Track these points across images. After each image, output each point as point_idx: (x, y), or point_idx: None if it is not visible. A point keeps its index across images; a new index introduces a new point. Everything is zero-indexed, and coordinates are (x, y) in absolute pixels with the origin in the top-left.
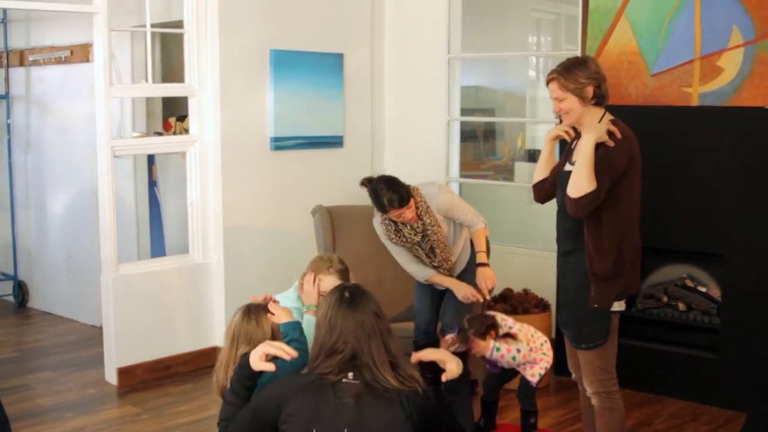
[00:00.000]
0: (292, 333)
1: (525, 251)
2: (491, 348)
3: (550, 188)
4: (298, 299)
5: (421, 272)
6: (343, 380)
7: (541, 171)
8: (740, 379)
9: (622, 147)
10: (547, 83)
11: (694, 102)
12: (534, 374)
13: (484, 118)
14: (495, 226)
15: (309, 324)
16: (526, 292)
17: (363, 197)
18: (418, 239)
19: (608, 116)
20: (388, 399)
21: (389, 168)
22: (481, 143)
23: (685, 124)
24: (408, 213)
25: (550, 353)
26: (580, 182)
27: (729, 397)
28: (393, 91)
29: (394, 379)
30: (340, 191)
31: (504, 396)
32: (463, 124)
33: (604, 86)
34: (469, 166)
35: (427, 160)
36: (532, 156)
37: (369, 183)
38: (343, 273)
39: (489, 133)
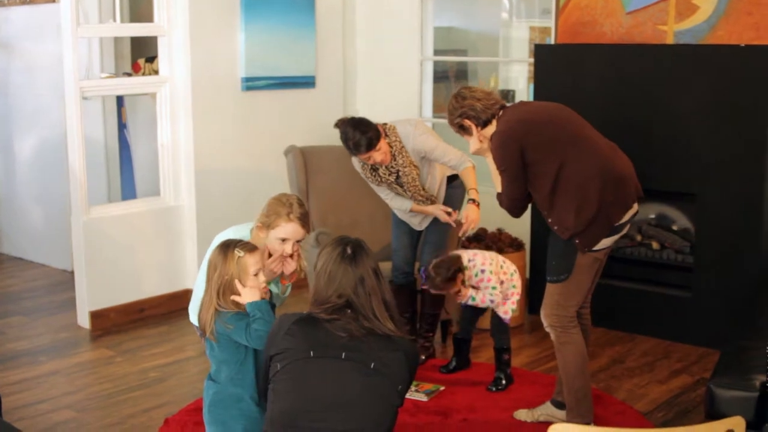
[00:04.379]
0: (259, 312)
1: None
2: (467, 297)
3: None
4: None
5: (402, 205)
6: (337, 320)
7: (500, 184)
8: (712, 317)
9: (501, 146)
10: None
11: (670, 40)
12: (507, 311)
13: (458, 57)
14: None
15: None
16: (500, 231)
17: (336, 137)
18: (393, 179)
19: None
20: (386, 339)
21: (362, 108)
22: (453, 84)
23: (660, 62)
24: (377, 156)
25: (519, 284)
26: (496, 187)
27: (701, 334)
28: (365, 30)
29: (395, 329)
30: (312, 132)
31: (478, 335)
32: (435, 65)
33: (479, 112)
34: (442, 108)
35: (400, 100)
36: (506, 96)
37: (341, 125)
38: (304, 218)
39: (461, 73)
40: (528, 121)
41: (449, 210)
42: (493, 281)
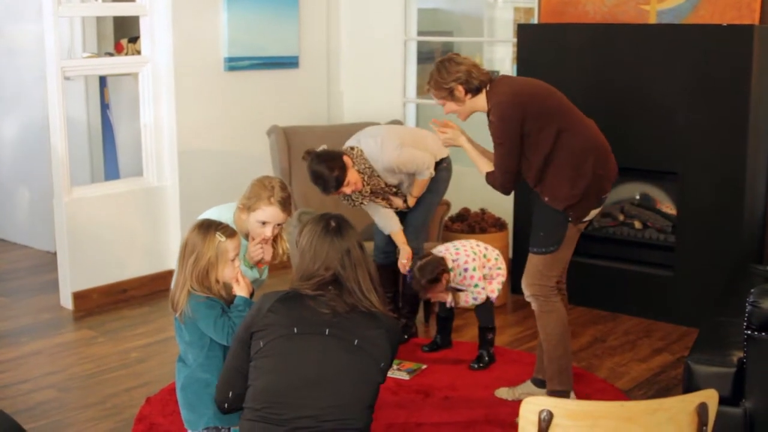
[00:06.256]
0: (243, 309)
1: None
2: (449, 301)
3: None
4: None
5: (386, 228)
6: (321, 296)
7: (484, 163)
8: (694, 296)
9: (505, 115)
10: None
11: (652, 20)
12: (493, 290)
13: (441, 37)
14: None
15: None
16: (483, 211)
17: (319, 118)
18: (367, 199)
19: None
20: (369, 316)
21: (346, 89)
22: None
23: (642, 41)
24: (347, 190)
25: (503, 266)
26: (479, 169)
27: (682, 313)
28: (349, 10)
29: (378, 303)
30: (295, 112)
31: (462, 314)
32: (420, 45)
33: (473, 79)
34: (427, 89)
35: (384, 80)
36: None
37: (308, 159)
38: (285, 202)
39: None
40: (527, 93)
41: (404, 262)
42: (476, 278)
